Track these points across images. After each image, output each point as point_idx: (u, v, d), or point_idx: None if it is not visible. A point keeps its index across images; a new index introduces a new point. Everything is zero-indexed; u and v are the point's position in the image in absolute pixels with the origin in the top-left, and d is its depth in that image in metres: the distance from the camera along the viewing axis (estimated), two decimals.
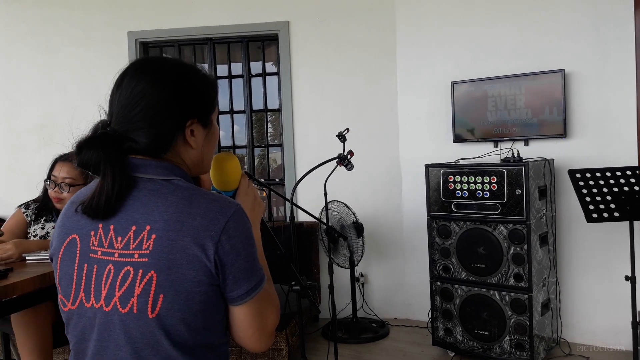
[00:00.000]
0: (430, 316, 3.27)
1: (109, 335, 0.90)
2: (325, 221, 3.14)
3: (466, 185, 3.01)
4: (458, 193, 3.04)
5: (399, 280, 3.94)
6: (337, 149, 3.04)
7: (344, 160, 2.59)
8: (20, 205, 2.44)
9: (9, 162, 4.29)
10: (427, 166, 3.18)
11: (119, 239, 0.91)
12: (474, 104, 3.49)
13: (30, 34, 4.24)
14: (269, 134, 4.28)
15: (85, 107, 2.81)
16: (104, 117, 1.00)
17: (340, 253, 3.55)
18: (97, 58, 4.10)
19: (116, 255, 0.90)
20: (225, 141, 4.27)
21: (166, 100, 0.95)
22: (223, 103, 4.22)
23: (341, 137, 3.01)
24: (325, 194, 3.06)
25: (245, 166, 4.26)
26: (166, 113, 0.95)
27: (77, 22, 4.17)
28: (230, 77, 4.21)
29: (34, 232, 2.39)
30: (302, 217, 3.83)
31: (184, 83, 0.98)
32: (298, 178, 3.54)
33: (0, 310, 1.82)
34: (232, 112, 4.22)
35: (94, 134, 0.94)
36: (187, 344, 0.90)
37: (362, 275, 3.94)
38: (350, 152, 2.68)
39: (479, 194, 2.96)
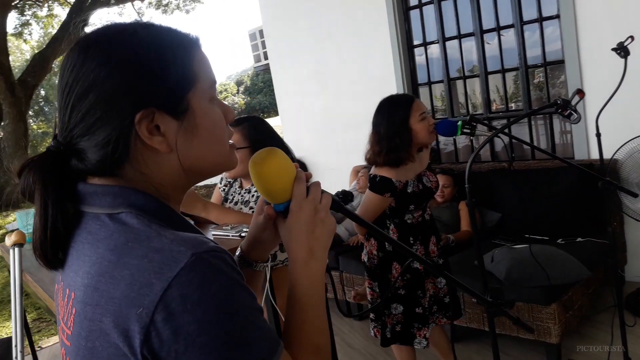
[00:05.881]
0: None
1: None
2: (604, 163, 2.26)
3: None
4: None
5: None
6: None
7: (565, 107, 1.62)
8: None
9: (296, 107, 4.70)
10: None
11: (62, 305, 0.69)
12: None
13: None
14: (547, 48, 3.33)
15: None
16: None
17: None
18: (359, 19, 4.05)
19: (60, 327, 0.69)
20: (493, 63, 3.56)
21: (105, 88, 0.63)
22: (488, 18, 3.50)
23: (621, 50, 2.04)
24: (598, 134, 2.17)
25: (519, 91, 3.49)
26: (103, 108, 0.63)
27: None
28: None
29: (231, 199, 2.25)
30: (595, 154, 2.93)
31: (132, 59, 0.64)
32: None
33: None
34: (498, 28, 3.47)
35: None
36: None
37: None
38: (580, 93, 1.67)
39: None
